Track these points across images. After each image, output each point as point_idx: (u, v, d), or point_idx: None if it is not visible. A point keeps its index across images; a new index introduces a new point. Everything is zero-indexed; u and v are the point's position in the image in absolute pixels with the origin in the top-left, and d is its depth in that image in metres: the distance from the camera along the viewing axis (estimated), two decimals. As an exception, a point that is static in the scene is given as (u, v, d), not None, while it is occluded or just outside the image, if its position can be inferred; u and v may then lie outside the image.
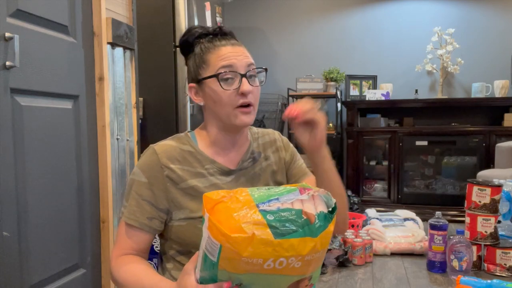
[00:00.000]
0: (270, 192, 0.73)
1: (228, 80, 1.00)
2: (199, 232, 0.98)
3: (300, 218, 0.69)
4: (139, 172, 1.02)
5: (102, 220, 1.97)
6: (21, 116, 1.51)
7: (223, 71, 0.99)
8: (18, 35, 1.44)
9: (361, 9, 4.30)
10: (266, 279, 0.71)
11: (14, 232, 1.47)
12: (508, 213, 1.92)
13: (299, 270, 0.71)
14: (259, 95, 1.04)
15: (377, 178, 4.01)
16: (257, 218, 0.67)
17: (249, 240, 0.66)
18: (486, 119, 3.94)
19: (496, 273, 1.67)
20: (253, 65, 1.03)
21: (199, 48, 1.05)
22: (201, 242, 0.74)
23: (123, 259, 1.00)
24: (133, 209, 1.01)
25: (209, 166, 1.04)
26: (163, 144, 1.05)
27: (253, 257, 0.67)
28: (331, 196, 0.75)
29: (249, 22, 4.51)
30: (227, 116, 1.01)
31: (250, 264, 0.68)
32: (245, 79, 0.99)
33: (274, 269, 0.69)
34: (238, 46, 1.03)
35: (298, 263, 0.69)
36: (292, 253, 0.67)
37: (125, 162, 2.12)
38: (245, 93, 0.99)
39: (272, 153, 1.14)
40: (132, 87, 2.21)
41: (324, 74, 4.15)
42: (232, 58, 1.00)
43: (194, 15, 3.04)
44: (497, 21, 4.00)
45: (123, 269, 0.98)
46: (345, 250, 1.84)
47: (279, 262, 0.68)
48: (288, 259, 0.68)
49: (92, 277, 1.90)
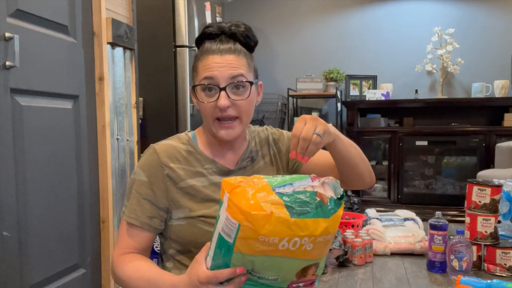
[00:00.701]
0: (284, 178, 0.77)
1: (208, 92, 0.99)
2: (198, 231, 0.99)
3: (314, 200, 0.73)
4: (140, 171, 1.03)
5: (102, 220, 1.97)
6: (21, 116, 1.51)
7: (204, 83, 0.99)
8: (18, 35, 1.44)
9: (361, 9, 4.30)
10: (278, 262, 0.74)
11: (14, 232, 1.47)
12: (508, 213, 1.92)
13: (309, 254, 0.74)
14: (248, 105, 1.01)
15: (377, 178, 4.00)
16: (275, 198, 0.71)
17: (267, 217, 0.69)
18: (486, 119, 3.94)
19: (496, 273, 1.66)
20: (240, 77, 0.99)
21: (197, 52, 1.05)
22: (216, 226, 0.77)
23: (125, 258, 1.00)
24: (134, 208, 1.01)
25: (209, 166, 1.05)
26: (163, 144, 1.05)
27: (270, 235, 0.70)
28: (339, 184, 0.79)
29: (249, 22, 4.45)
30: (210, 125, 1.02)
31: (265, 244, 0.71)
32: (223, 93, 0.97)
33: (287, 250, 0.72)
34: (229, 54, 1.00)
35: (310, 245, 0.73)
36: (306, 232, 0.71)
37: (125, 162, 2.12)
38: (221, 109, 0.97)
39: (268, 150, 1.15)
40: (132, 87, 2.21)
41: (324, 74, 4.15)
42: (215, 70, 0.98)
43: (194, 15, 3.04)
44: (497, 21, 4.00)
45: (126, 267, 0.98)
46: (345, 250, 1.84)
47: (293, 243, 0.71)
48: (302, 239, 0.72)
49: (92, 277, 1.90)
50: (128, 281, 0.97)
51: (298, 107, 4.48)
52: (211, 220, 0.99)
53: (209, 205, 1.01)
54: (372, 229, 2.19)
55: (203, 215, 1.00)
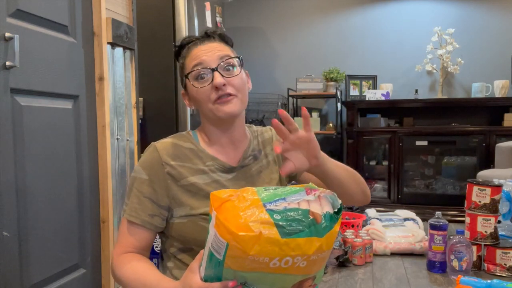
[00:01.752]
0: (276, 192, 0.73)
1: (200, 78, 1.01)
2: (200, 229, 0.99)
3: (306, 218, 0.69)
4: (140, 170, 1.03)
5: (102, 220, 1.97)
6: (21, 116, 1.51)
7: (194, 69, 1.01)
8: (18, 35, 1.44)
9: (361, 9, 4.30)
10: (271, 278, 0.71)
11: (14, 232, 1.47)
12: (508, 213, 1.92)
13: (304, 270, 0.71)
14: (242, 82, 1.04)
15: (377, 178, 4.01)
16: (264, 217, 0.68)
17: (256, 238, 0.66)
18: (486, 119, 3.94)
19: (496, 273, 1.66)
20: (227, 57, 1.02)
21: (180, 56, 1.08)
22: (207, 239, 0.75)
23: (125, 257, 1.00)
24: (135, 206, 1.01)
25: (210, 163, 1.05)
26: (164, 142, 1.05)
27: (260, 255, 0.67)
28: (336, 197, 0.76)
29: (249, 22, 4.51)
30: (210, 112, 1.02)
31: (256, 262, 0.68)
32: (217, 73, 1.00)
33: (279, 268, 0.69)
34: (213, 42, 1.04)
35: (304, 263, 0.70)
36: (298, 252, 0.68)
37: (125, 162, 2.12)
38: (218, 86, 0.99)
39: (271, 150, 1.15)
40: (132, 87, 2.21)
41: (324, 74, 4.15)
42: (202, 55, 1.01)
43: (194, 15, 3.04)
44: (497, 21, 4.00)
45: (125, 268, 0.98)
46: (345, 250, 1.84)
47: (285, 261, 0.68)
48: (294, 258, 0.68)
49: (92, 277, 1.90)
50: (126, 281, 0.97)
51: (298, 107, 4.47)
52: None
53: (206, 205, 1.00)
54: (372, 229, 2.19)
55: (205, 212, 1.00)
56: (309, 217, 0.69)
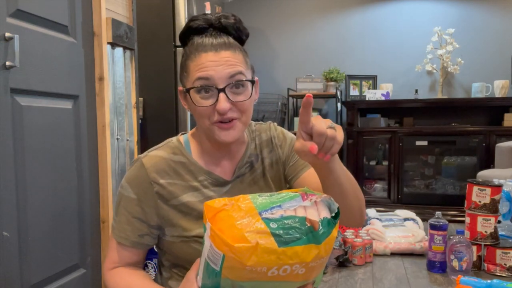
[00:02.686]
0: (272, 199, 0.72)
1: (205, 93, 0.89)
2: (192, 251, 0.93)
3: (303, 225, 0.68)
4: (127, 187, 0.96)
5: (102, 220, 1.97)
6: (21, 116, 1.51)
7: (199, 85, 0.89)
8: (18, 35, 1.44)
9: (361, 9, 4.30)
10: (270, 286, 0.70)
11: (14, 232, 1.47)
12: (508, 213, 1.92)
13: (302, 276, 0.71)
14: (249, 105, 0.92)
15: (377, 178, 4.01)
16: (260, 226, 0.66)
17: (252, 249, 0.65)
18: (486, 119, 3.94)
19: (496, 273, 1.66)
20: (239, 75, 0.89)
21: (185, 50, 0.95)
22: (203, 250, 0.73)
23: (117, 272, 0.98)
24: (123, 227, 0.96)
25: (203, 178, 0.97)
26: (152, 156, 0.97)
27: (257, 266, 0.66)
28: (333, 201, 0.74)
29: (249, 22, 4.51)
30: (208, 130, 0.92)
31: (253, 272, 0.67)
32: (222, 95, 0.87)
33: (278, 276, 0.68)
34: (225, 50, 0.90)
35: (302, 270, 0.69)
36: (296, 260, 0.67)
37: (125, 162, 2.12)
38: (220, 112, 0.88)
39: (269, 153, 1.06)
40: (132, 87, 2.21)
41: (324, 74, 4.15)
42: (210, 69, 0.88)
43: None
44: (497, 21, 4.00)
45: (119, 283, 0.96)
46: (345, 250, 1.84)
47: (283, 270, 0.67)
48: (292, 266, 0.67)
49: (92, 277, 1.90)
50: None
51: (298, 107, 4.47)
52: None
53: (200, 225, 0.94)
54: (372, 229, 2.19)
55: (198, 235, 0.94)
56: (306, 224, 0.68)
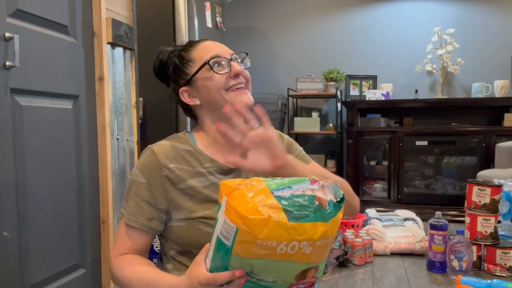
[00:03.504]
0: (283, 181, 0.77)
1: (218, 65, 1.04)
2: (198, 233, 0.98)
3: (312, 204, 0.72)
4: (138, 173, 1.02)
5: (102, 220, 1.97)
6: (21, 116, 1.51)
7: (213, 58, 1.04)
8: (18, 35, 1.44)
9: (361, 9, 4.30)
10: (277, 265, 0.74)
11: (14, 232, 1.47)
12: (508, 213, 1.92)
13: (308, 257, 0.74)
14: (249, 77, 1.08)
15: (377, 178, 4.01)
16: (273, 202, 0.71)
17: (265, 222, 0.69)
18: (486, 119, 3.94)
19: (496, 273, 1.66)
20: (235, 54, 1.07)
21: (176, 57, 1.10)
22: (214, 229, 0.77)
23: (124, 259, 1.00)
24: (133, 210, 1.01)
25: (209, 165, 1.04)
26: (161, 144, 1.05)
27: (268, 239, 0.70)
28: (339, 186, 0.78)
29: (249, 22, 4.51)
30: (223, 99, 1.03)
31: (263, 247, 0.71)
32: (234, 62, 1.05)
33: (286, 254, 0.72)
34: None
35: (309, 249, 0.73)
36: (305, 237, 0.71)
37: (125, 162, 2.12)
38: (238, 73, 1.03)
39: None
40: (132, 87, 2.21)
41: (324, 74, 4.15)
42: (216, 49, 1.05)
43: (194, 15, 3.04)
44: (497, 21, 4.00)
45: (125, 269, 0.98)
46: (345, 250, 1.84)
47: (292, 246, 0.71)
48: (300, 243, 0.71)
49: (92, 277, 1.90)
50: (127, 282, 0.97)
51: (298, 107, 4.47)
52: (211, 221, 0.98)
53: (209, 206, 1.00)
54: (372, 229, 2.19)
55: (204, 216, 1.00)
56: (315, 202, 0.72)
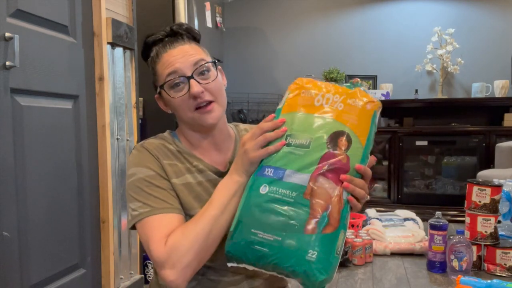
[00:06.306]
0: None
1: (176, 87, 0.98)
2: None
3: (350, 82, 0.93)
4: (140, 169, 0.98)
5: (102, 220, 1.97)
6: (21, 116, 1.51)
7: (169, 79, 0.98)
8: (18, 35, 1.44)
9: (361, 9, 4.30)
10: (312, 121, 0.87)
11: (14, 232, 1.47)
12: (508, 213, 1.92)
13: (341, 115, 0.87)
14: (219, 86, 1.01)
15: (377, 178, 4.01)
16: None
17: (310, 81, 0.95)
18: (486, 119, 3.94)
19: (496, 273, 1.67)
20: (201, 61, 0.99)
21: (150, 59, 1.04)
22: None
23: (175, 231, 0.90)
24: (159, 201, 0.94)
25: (197, 163, 1.02)
26: (150, 142, 1.03)
27: (309, 89, 0.92)
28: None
29: (249, 22, 4.51)
30: (191, 120, 1.00)
31: (305, 99, 0.90)
32: (193, 81, 0.96)
33: (321, 107, 0.88)
34: (182, 44, 1.00)
35: (341, 105, 0.88)
36: (337, 91, 0.90)
37: (125, 162, 2.12)
38: (196, 95, 0.96)
39: None
40: (132, 87, 2.21)
41: (324, 74, 4.15)
42: (175, 63, 0.98)
43: (194, 15, 3.04)
44: (497, 21, 4.00)
45: (183, 236, 0.88)
46: (345, 250, 1.84)
47: (326, 99, 0.89)
48: (334, 96, 0.89)
49: (92, 277, 1.90)
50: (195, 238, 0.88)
51: (298, 107, 4.47)
52: None
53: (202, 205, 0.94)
54: (372, 229, 2.19)
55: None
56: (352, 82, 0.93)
